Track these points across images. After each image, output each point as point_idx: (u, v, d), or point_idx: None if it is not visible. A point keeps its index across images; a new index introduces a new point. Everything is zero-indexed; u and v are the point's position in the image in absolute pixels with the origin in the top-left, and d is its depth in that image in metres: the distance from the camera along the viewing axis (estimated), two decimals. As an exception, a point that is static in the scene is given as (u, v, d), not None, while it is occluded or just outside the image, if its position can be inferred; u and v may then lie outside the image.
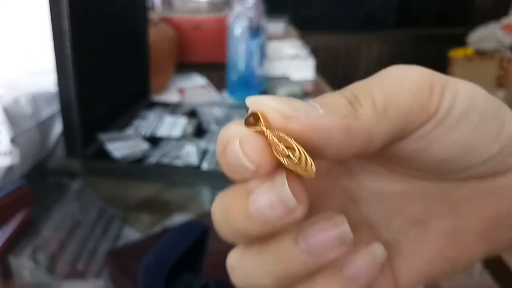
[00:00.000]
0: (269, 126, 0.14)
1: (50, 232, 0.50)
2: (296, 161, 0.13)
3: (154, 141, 0.65)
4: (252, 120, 0.14)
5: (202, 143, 0.64)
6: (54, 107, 0.62)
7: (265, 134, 0.14)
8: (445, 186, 0.18)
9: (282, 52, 1.10)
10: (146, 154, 0.61)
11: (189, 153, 0.61)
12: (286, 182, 0.14)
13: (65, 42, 0.52)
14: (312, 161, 0.13)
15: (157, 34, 0.85)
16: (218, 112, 0.76)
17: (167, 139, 0.66)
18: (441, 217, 0.18)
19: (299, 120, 0.14)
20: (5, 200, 0.47)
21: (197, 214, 0.54)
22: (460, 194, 0.18)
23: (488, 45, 1.95)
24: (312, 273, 0.15)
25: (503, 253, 0.20)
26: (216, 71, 0.99)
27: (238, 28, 0.83)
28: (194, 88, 0.95)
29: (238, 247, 0.16)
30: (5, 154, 0.51)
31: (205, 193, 0.58)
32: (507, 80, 1.85)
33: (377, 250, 0.16)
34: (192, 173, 0.59)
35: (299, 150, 0.13)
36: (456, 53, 1.99)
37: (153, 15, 0.94)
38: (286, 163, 0.14)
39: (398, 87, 0.15)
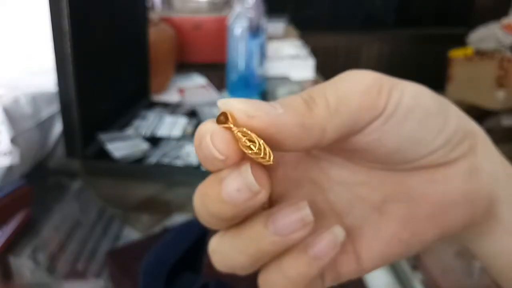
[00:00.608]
0: (236, 124, 0.16)
1: (50, 232, 0.50)
2: (256, 151, 0.16)
3: (154, 141, 0.65)
4: (223, 118, 0.16)
5: (202, 143, 0.64)
6: (54, 107, 0.62)
7: (232, 130, 0.16)
8: (400, 176, 0.20)
9: (282, 52, 1.10)
10: (146, 154, 0.61)
11: (189, 153, 0.61)
12: (250, 170, 0.16)
13: (65, 42, 0.52)
14: (270, 152, 0.16)
15: (157, 34, 0.85)
16: (218, 112, 0.76)
17: (167, 139, 0.66)
18: (396, 203, 0.20)
19: (260, 118, 0.16)
20: (5, 200, 0.47)
21: (197, 214, 0.54)
22: (412, 183, 0.20)
23: (488, 45, 1.95)
24: (281, 253, 0.17)
25: (457, 238, 0.22)
26: (216, 71, 0.99)
27: (238, 28, 0.83)
28: (194, 88, 0.95)
29: (218, 233, 0.19)
30: (5, 154, 0.51)
31: (205, 193, 0.58)
32: (507, 80, 1.85)
33: (337, 232, 0.18)
34: (192, 173, 0.59)
35: (259, 142, 0.16)
36: (456, 53, 1.99)
37: (153, 15, 0.94)
38: (248, 153, 0.16)
39: (350, 88, 0.17)
